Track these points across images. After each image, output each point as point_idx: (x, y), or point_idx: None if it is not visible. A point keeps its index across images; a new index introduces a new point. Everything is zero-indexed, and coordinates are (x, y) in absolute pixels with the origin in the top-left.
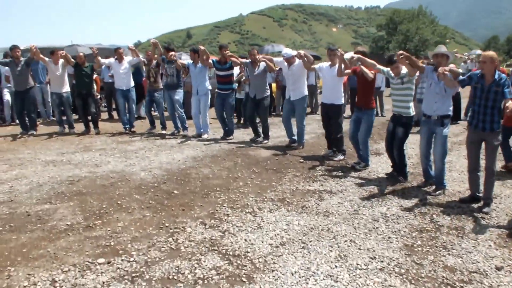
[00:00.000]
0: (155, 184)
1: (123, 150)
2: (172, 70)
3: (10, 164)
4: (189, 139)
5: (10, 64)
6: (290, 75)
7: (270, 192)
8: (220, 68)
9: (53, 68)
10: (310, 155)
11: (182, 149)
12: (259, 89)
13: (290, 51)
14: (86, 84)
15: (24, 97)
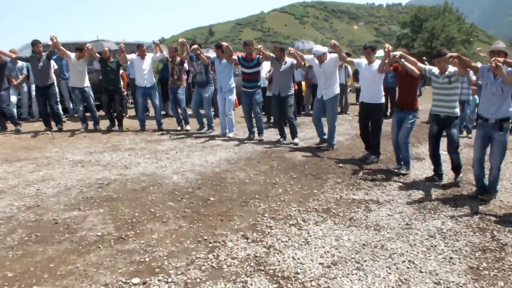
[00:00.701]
0: (189, 189)
1: (153, 150)
2: (201, 67)
3: (37, 164)
4: (215, 138)
5: (31, 60)
6: (322, 73)
7: (312, 201)
8: (246, 66)
9: (74, 62)
10: (348, 159)
11: (214, 150)
12: (284, 86)
13: (321, 48)
14: (113, 80)
15: (47, 92)
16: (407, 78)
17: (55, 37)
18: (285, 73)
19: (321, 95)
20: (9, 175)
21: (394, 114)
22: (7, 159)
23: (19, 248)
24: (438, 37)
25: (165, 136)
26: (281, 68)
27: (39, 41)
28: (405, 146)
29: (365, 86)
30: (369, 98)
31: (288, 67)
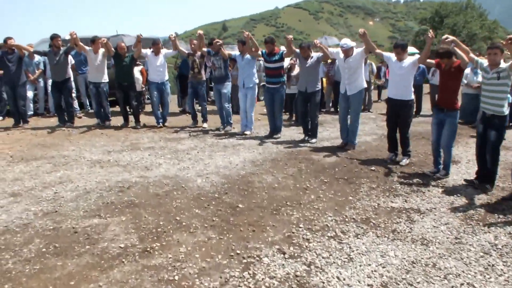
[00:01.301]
0: (215, 194)
1: (174, 149)
2: (220, 62)
3: (54, 164)
4: (235, 136)
5: (49, 54)
6: (347, 68)
7: (349, 210)
8: (269, 60)
9: (92, 57)
10: (379, 161)
11: (237, 150)
12: (311, 82)
13: (349, 42)
14: (127, 75)
15: (62, 88)
16: (451, 75)
17: (75, 33)
18: (311, 68)
19: (345, 90)
20: (26, 176)
21: (434, 115)
22: (23, 158)
23: (36, 262)
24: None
25: (184, 134)
26: (307, 64)
27: (58, 35)
28: (448, 150)
29: (395, 82)
30: (399, 94)
31: (314, 62)
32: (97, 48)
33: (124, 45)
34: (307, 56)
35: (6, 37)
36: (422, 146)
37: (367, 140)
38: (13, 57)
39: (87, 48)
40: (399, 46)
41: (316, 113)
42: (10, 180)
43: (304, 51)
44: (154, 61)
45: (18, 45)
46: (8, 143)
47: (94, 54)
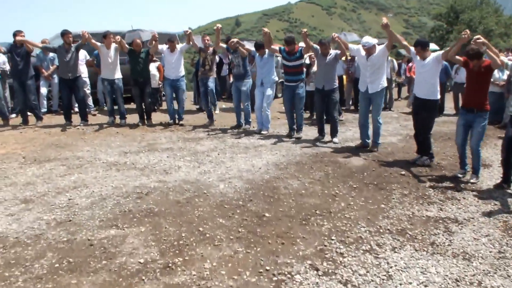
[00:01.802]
0: (239, 201)
1: (193, 151)
2: (238, 60)
3: (68, 166)
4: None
5: (59, 50)
6: (369, 66)
7: (382, 219)
8: (288, 58)
9: (104, 52)
10: (407, 163)
11: (259, 152)
12: (328, 80)
13: (371, 40)
14: (142, 71)
15: (73, 85)
16: (480, 75)
17: (87, 33)
18: (329, 66)
19: (366, 88)
20: (38, 180)
21: (461, 116)
22: (36, 159)
23: (48, 279)
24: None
25: (203, 134)
26: (326, 60)
27: (69, 31)
28: (476, 153)
29: (420, 81)
30: (424, 93)
31: (332, 59)
32: (109, 43)
33: (140, 41)
34: (326, 53)
35: (16, 31)
36: (451, 148)
37: (392, 141)
38: (21, 51)
39: (99, 44)
40: (419, 44)
41: (334, 112)
42: (22, 184)
43: (325, 47)
44: (170, 57)
45: (26, 40)
46: (21, 142)
47: (106, 50)
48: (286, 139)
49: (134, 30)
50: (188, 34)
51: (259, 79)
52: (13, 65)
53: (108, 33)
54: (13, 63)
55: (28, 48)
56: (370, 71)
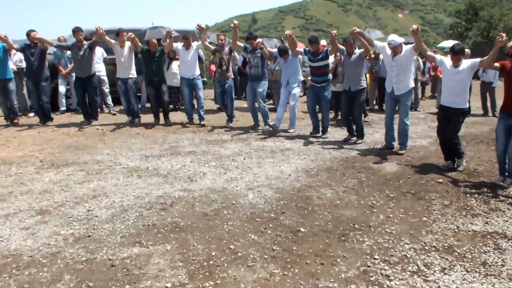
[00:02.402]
0: (271, 214)
1: (217, 155)
2: (257, 60)
3: (87, 171)
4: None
5: (72, 48)
6: (395, 66)
7: (427, 235)
8: (313, 59)
9: (118, 51)
10: (443, 170)
11: (286, 156)
12: (354, 80)
13: (397, 38)
14: (157, 70)
15: (87, 84)
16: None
17: (101, 28)
18: (354, 65)
19: (392, 89)
20: (55, 187)
21: (500, 120)
22: (53, 163)
23: None
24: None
25: (226, 136)
26: (351, 60)
27: (80, 29)
28: None
29: (450, 89)
30: (453, 102)
31: (357, 57)
32: (123, 41)
33: (156, 41)
34: (351, 52)
35: (29, 30)
36: (485, 152)
37: (423, 145)
38: (35, 51)
39: (113, 42)
40: (459, 52)
41: (361, 113)
42: (38, 192)
43: (349, 46)
44: (185, 55)
45: (41, 38)
46: (39, 143)
47: (120, 48)
48: (313, 140)
49: (156, 27)
50: (202, 29)
51: (284, 80)
52: (27, 65)
53: (121, 30)
54: (28, 63)
55: (42, 46)
56: (396, 71)
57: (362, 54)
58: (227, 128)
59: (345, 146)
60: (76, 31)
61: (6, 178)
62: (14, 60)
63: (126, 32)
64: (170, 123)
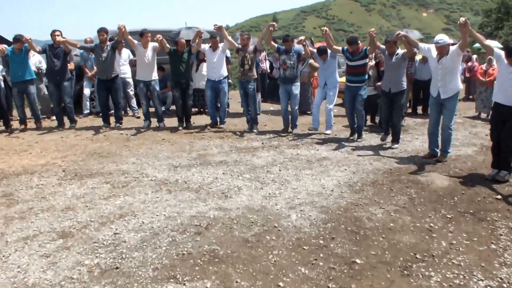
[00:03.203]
0: (320, 240)
1: (251, 165)
2: (293, 61)
3: (113, 184)
4: (310, 138)
5: (96, 49)
6: (440, 69)
7: (500, 268)
8: (351, 58)
9: (141, 52)
10: (492, 180)
11: (325, 167)
12: (395, 82)
13: (446, 38)
14: (184, 72)
15: (110, 86)
16: None
17: (124, 26)
18: (396, 66)
19: (437, 93)
20: (79, 203)
21: None
22: (77, 173)
23: None
24: None
25: (256, 143)
26: (392, 61)
27: (104, 29)
28: None
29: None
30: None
31: (399, 59)
32: (146, 42)
33: (184, 41)
34: (393, 53)
35: (53, 30)
36: None
37: (469, 153)
38: (58, 52)
39: (136, 42)
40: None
41: (400, 116)
42: (61, 209)
43: (390, 46)
44: (211, 57)
45: (65, 40)
46: (62, 149)
47: (143, 49)
48: (348, 147)
49: (190, 27)
50: (219, 28)
51: (322, 81)
52: (49, 66)
53: (145, 31)
54: (49, 64)
55: (66, 48)
56: (441, 74)
57: (405, 55)
58: (257, 134)
59: (384, 154)
60: (100, 31)
61: (27, 190)
62: (34, 62)
63: (155, 35)
64: (191, 127)
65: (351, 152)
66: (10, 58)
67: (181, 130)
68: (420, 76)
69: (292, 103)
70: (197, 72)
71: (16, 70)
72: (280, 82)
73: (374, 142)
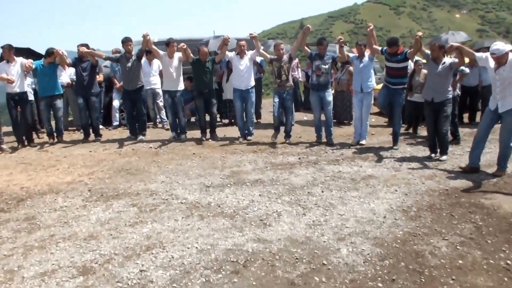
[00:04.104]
0: (378, 283)
1: (289, 185)
2: (327, 67)
3: (140, 207)
4: (352, 153)
5: (121, 60)
6: (498, 80)
7: None
8: (390, 59)
9: (167, 62)
10: None
11: (372, 188)
12: (439, 91)
13: (502, 46)
14: (208, 82)
15: (135, 97)
16: None
17: (148, 35)
18: (441, 76)
19: (496, 106)
20: (103, 230)
21: None
22: (102, 193)
23: None
24: None
25: (292, 158)
26: (438, 69)
27: (129, 39)
28: None
29: None
30: None
31: (446, 68)
32: (172, 52)
33: (206, 50)
34: (439, 61)
35: (79, 44)
36: None
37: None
38: (86, 65)
39: (161, 53)
40: None
41: (446, 127)
42: (83, 237)
43: (436, 52)
44: (239, 64)
45: (89, 52)
46: (89, 165)
47: (169, 59)
48: (396, 163)
49: (218, 36)
50: (253, 37)
51: (357, 85)
52: (77, 80)
53: (171, 40)
54: (78, 78)
55: (93, 60)
56: (500, 86)
57: (454, 65)
58: (291, 147)
59: (435, 170)
60: (125, 41)
61: (50, 214)
62: (68, 74)
63: (180, 44)
64: (217, 138)
65: (398, 169)
66: (39, 71)
67: (209, 141)
68: (467, 82)
69: (325, 111)
70: (228, 82)
71: (45, 84)
72: (313, 89)
73: (419, 154)
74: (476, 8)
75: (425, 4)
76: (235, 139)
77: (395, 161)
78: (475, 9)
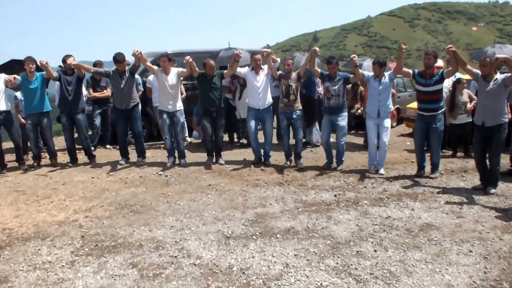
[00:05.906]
0: None
1: (330, 238)
2: (339, 88)
3: (141, 270)
4: (399, 199)
5: (113, 76)
6: None
7: None
8: (424, 83)
9: (162, 78)
10: None
11: (439, 246)
12: (491, 113)
13: None
14: (215, 99)
15: (129, 116)
16: None
17: (139, 52)
18: (494, 94)
19: None
20: None
21: None
22: (96, 244)
23: None
24: None
25: (326, 194)
26: (488, 87)
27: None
28: None
29: None
30: None
31: (499, 85)
32: (166, 68)
33: (213, 63)
34: (490, 77)
35: (65, 56)
36: None
37: None
38: (72, 79)
39: (155, 68)
40: None
41: (498, 155)
42: None
43: (488, 68)
44: (254, 80)
45: (77, 64)
46: (89, 196)
47: (164, 75)
48: (453, 203)
49: (229, 48)
50: (268, 54)
51: (374, 109)
52: (61, 95)
53: (164, 55)
54: (62, 94)
55: (80, 73)
56: None
57: (507, 80)
58: (322, 178)
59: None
60: (123, 61)
61: (27, 274)
62: None
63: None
64: (223, 163)
65: (460, 214)
66: (22, 86)
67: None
68: None
69: (338, 136)
70: (241, 99)
71: (29, 100)
72: (325, 113)
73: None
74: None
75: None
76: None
77: (451, 200)
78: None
